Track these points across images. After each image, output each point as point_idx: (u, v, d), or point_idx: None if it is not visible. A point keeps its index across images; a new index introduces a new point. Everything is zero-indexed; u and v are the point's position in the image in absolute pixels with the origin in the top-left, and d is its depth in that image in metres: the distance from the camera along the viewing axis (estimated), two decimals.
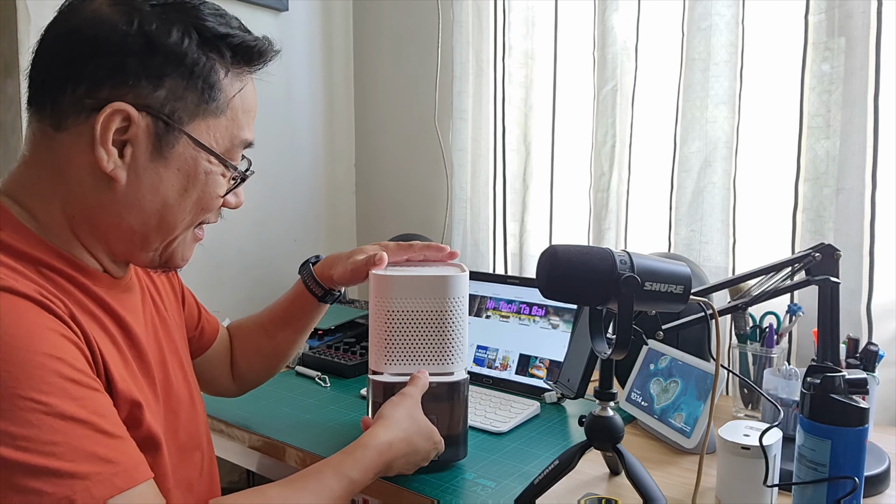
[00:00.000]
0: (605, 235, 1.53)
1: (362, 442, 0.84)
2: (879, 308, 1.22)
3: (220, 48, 0.70)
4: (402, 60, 1.95)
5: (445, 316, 0.97)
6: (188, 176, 0.71)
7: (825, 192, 1.25)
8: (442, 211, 1.89)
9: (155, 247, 0.74)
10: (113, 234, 0.72)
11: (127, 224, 0.71)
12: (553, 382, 1.28)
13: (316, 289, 1.07)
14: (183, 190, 0.72)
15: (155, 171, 0.69)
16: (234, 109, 0.73)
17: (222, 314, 1.72)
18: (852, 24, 1.19)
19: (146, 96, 0.67)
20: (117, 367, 0.68)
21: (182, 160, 0.70)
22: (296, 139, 1.94)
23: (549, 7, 1.60)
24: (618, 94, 1.49)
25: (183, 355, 0.90)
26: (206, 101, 0.70)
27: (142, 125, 0.67)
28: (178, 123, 0.69)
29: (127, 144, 0.68)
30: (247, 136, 0.76)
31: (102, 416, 0.61)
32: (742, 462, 0.89)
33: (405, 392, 0.93)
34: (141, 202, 0.70)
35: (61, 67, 0.67)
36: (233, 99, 0.72)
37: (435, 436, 0.93)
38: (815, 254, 0.92)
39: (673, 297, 0.81)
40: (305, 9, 1.92)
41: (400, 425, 0.88)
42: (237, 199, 0.81)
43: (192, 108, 0.69)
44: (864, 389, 0.79)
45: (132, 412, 0.68)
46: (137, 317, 0.78)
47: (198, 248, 0.82)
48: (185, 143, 0.70)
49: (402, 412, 0.90)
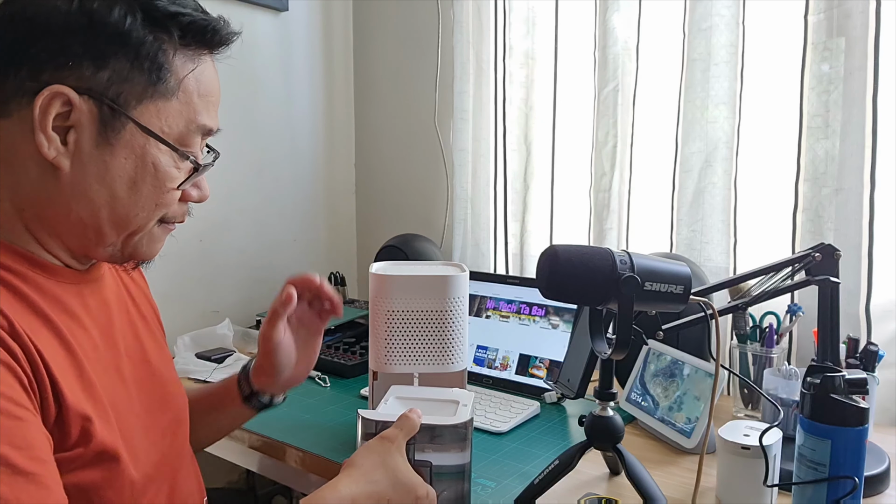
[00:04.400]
0: (607, 235, 1.53)
1: (319, 495, 0.71)
2: (878, 308, 1.22)
3: (167, 27, 0.66)
4: (402, 60, 1.95)
5: (445, 316, 0.97)
6: (136, 165, 0.67)
7: (824, 193, 1.25)
8: (442, 211, 1.89)
9: (111, 241, 0.70)
10: (64, 228, 0.68)
11: (76, 216, 0.67)
12: (553, 382, 1.29)
13: (244, 384, 0.95)
14: (132, 181, 0.67)
15: (101, 159, 0.66)
16: (187, 92, 0.68)
17: (222, 314, 1.73)
18: (851, 25, 1.19)
19: (88, 78, 0.64)
20: (68, 380, 0.64)
21: (129, 148, 0.66)
22: (296, 139, 1.94)
23: (550, 7, 1.60)
24: (619, 94, 1.49)
25: (163, 349, 0.86)
26: (154, 83, 0.66)
27: (84, 109, 0.64)
28: (124, 107, 0.65)
29: (70, 130, 0.64)
30: (205, 121, 0.71)
31: (18, 449, 0.56)
32: (742, 462, 0.89)
33: (385, 435, 0.77)
34: (88, 192, 0.66)
35: (3, 51, 0.64)
36: (185, 80, 0.68)
37: (419, 489, 0.75)
38: (815, 254, 0.92)
39: (673, 297, 0.81)
40: (305, 9, 1.92)
41: (369, 476, 0.73)
42: (200, 193, 0.75)
43: (140, 90, 0.65)
44: (863, 389, 0.79)
45: (84, 427, 0.64)
46: (107, 308, 0.75)
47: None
48: (133, 129, 0.66)
49: (373, 460, 0.75)
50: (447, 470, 0.80)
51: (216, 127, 0.73)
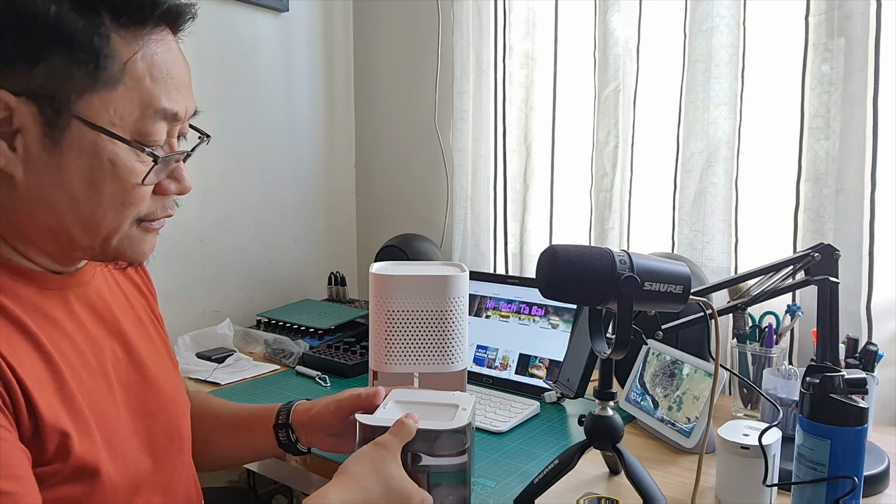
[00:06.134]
0: (609, 235, 1.53)
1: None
2: (878, 308, 1.22)
3: (97, 8, 0.61)
4: (403, 61, 1.96)
5: (445, 315, 0.98)
6: (91, 164, 0.62)
7: (825, 193, 1.25)
8: (442, 211, 1.89)
9: (86, 245, 0.67)
10: (34, 235, 0.65)
11: (43, 223, 0.64)
12: (553, 382, 1.29)
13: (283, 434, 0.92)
14: (89, 181, 0.63)
15: (53, 162, 0.62)
16: (134, 77, 0.62)
17: (223, 314, 1.73)
18: (852, 25, 1.19)
19: (23, 78, 0.60)
20: (46, 394, 0.62)
21: (79, 146, 0.62)
22: (296, 139, 1.94)
23: (550, 8, 1.60)
24: (620, 94, 1.49)
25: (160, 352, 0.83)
26: (94, 73, 0.61)
27: (25, 112, 0.60)
28: (66, 104, 0.60)
29: (17, 134, 0.61)
30: (165, 104, 0.64)
31: None
32: (741, 462, 0.89)
33: (379, 441, 0.76)
34: (47, 197, 0.63)
35: None
36: (129, 64, 0.62)
37: (413, 497, 0.74)
38: (815, 254, 0.93)
39: (672, 297, 0.82)
40: (306, 9, 1.92)
41: (361, 483, 0.72)
42: (179, 185, 0.70)
43: (80, 83, 0.61)
44: (863, 389, 0.79)
45: (61, 441, 0.62)
46: (95, 312, 0.73)
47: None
48: (79, 126, 0.61)
49: (365, 467, 0.73)
50: (446, 476, 0.80)
51: (182, 110, 0.67)
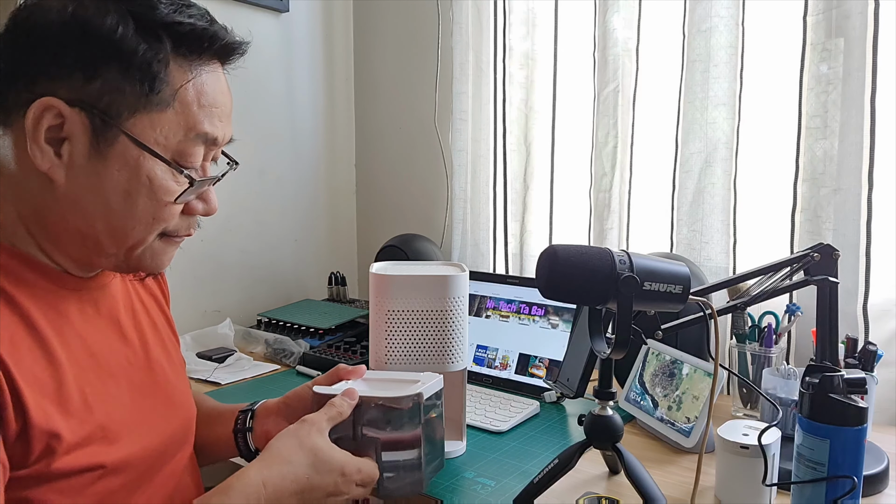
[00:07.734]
0: (608, 235, 1.54)
1: (226, 485, 0.70)
2: (876, 308, 1.22)
3: (160, 36, 0.65)
4: (403, 61, 1.96)
5: (445, 315, 0.98)
6: (130, 178, 0.66)
7: (823, 193, 1.25)
8: (442, 211, 1.89)
9: (111, 252, 0.69)
10: (63, 237, 0.68)
11: (73, 226, 0.67)
12: (552, 382, 1.29)
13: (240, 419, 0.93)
14: (126, 193, 0.66)
15: (94, 171, 0.65)
16: (184, 103, 0.67)
17: (223, 314, 1.73)
18: (850, 25, 1.19)
19: (80, 89, 0.63)
20: (39, 396, 0.63)
21: (123, 160, 0.65)
22: (297, 139, 1.95)
23: (550, 8, 1.60)
24: (619, 94, 1.50)
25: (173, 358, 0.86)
26: (147, 94, 0.64)
27: (76, 121, 0.63)
28: (116, 119, 0.64)
29: (65, 142, 0.64)
30: (207, 129, 0.69)
31: None
32: (741, 461, 0.89)
33: (306, 418, 0.78)
34: (82, 203, 0.66)
35: (6, 62, 0.64)
36: (181, 91, 0.66)
37: (346, 466, 0.75)
38: (814, 254, 0.93)
39: (672, 297, 0.82)
40: (306, 10, 1.93)
41: (284, 457, 0.73)
42: (206, 206, 0.74)
43: (133, 101, 0.64)
44: (862, 389, 0.79)
45: (49, 444, 0.63)
46: (110, 317, 0.75)
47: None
48: (125, 141, 0.65)
49: (290, 443, 0.75)
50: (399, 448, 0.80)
51: (221, 136, 0.71)
